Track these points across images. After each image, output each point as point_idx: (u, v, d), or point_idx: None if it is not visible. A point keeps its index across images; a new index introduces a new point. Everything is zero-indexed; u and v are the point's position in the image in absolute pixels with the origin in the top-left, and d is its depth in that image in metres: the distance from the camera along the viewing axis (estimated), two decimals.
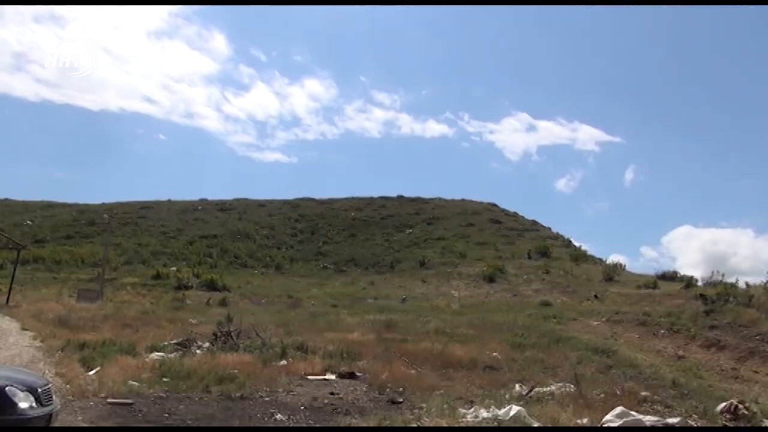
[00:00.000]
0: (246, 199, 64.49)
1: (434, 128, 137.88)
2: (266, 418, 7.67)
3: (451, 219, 54.65)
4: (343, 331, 16.80)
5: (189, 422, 7.22)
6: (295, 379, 10.33)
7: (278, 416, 7.77)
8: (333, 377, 10.79)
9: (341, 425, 7.45)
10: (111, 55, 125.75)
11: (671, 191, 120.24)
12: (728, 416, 8.55)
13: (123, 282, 32.63)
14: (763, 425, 8.51)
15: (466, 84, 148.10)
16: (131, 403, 7.77)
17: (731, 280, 24.33)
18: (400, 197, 64.47)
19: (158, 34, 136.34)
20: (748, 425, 8.35)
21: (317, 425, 7.53)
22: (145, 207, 59.96)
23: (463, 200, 62.97)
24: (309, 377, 10.64)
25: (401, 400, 9.07)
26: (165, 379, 9.45)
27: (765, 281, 21.16)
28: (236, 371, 10.10)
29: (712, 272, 26.22)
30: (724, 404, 8.93)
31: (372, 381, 10.35)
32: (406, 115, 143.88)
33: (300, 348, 12.92)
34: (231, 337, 13.32)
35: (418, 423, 7.40)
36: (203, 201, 63.44)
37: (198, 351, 12.52)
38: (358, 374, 10.90)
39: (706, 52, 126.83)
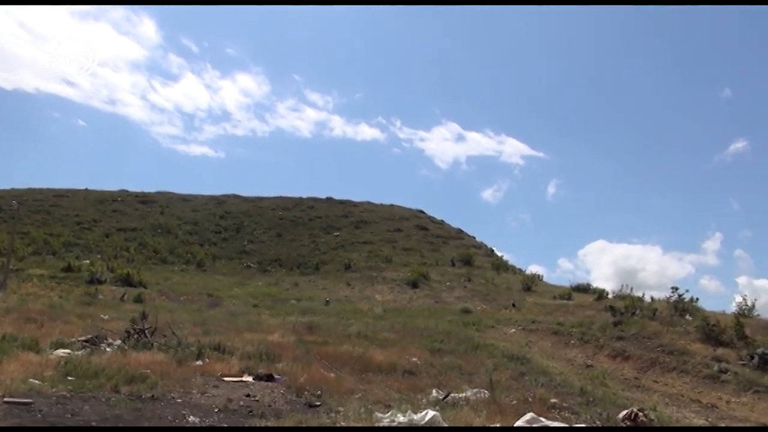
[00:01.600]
0: (169, 193, 62.42)
1: (366, 132, 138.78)
2: (178, 420, 7.42)
3: (379, 224, 54.97)
4: (264, 332, 16.52)
5: (93, 423, 6.87)
6: (211, 380, 10.05)
7: (191, 418, 7.54)
8: (250, 379, 10.58)
9: (257, 426, 7.32)
10: (29, 32, 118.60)
11: (589, 207, 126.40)
12: (629, 423, 9.06)
13: (30, 273, 30.74)
14: None
15: (399, 90, 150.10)
16: (30, 403, 7.32)
17: (639, 293, 25.80)
18: (330, 199, 64.30)
19: (83, 14, 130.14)
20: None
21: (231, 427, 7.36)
22: (59, 195, 56.84)
23: (391, 205, 63.55)
24: (225, 378, 10.38)
25: (319, 403, 9.02)
26: (70, 378, 8.96)
27: (668, 296, 22.53)
28: (148, 371, 9.71)
29: (622, 286, 27.69)
30: (625, 411, 9.46)
31: (290, 384, 10.23)
32: (338, 117, 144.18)
33: (217, 348, 12.57)
34: (145, 334, 12.81)
35: (334, 426, 7.38)
36: (123, 192, 60.85)
37: (108, 349, 11.95)
38: (276, 376, 10.74)
39: (625, 77, 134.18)
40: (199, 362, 11.31)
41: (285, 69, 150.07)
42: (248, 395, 9.20)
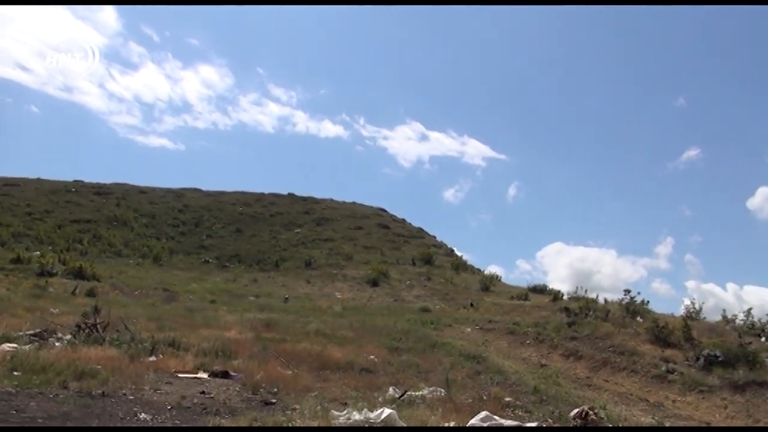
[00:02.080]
0: (126, 184, 60.87)
1: (330, 129, 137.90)
2: (129, 418, 7.27)
3: (340, 221, 54.83)
4: (220, 328, 16.31)
5: (40, 420, 6.68)
6: (164, 377, 9.89)
7: (142, 415, 7.40)
8: (205, 376, 10.45)
9: (209, 425, 7.23)
10: None
11: (548, 209, 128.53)
12: (579, 421, 9.30)
13: None
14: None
15: (363, 88, 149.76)
16: None
17: (593, 295, 26.38)
18: (291, 195, 63.76)
19: None
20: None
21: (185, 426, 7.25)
22: (10, 184, 54.78)
23: (353, 203, 63.45)
24: (179, 375, 10.23)
25: (275, 401, 8.97)
26: (16, 373, 8.68)
27: (621, 298, 23.12)
28: (99, 366, 9.49)
29: (577, 287, 28.26)
30: (576, 410, 9.70)
31: (246, 381, 10.14)
32: (302, 112, 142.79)
33: (172, 344, 12.36)
34: (96, 329, 12.49)
35: (290, 424, 7.35)
36: (78, 182, 59.05)
37: (57, 343, 11.61)
38: (232, 373, 10.64)
39: (585, 83, 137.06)
40: (152, 358, 11.10)
41: (249, 62, 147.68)
42: (203, 392, 9.09)
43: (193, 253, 44.36)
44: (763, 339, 18.74)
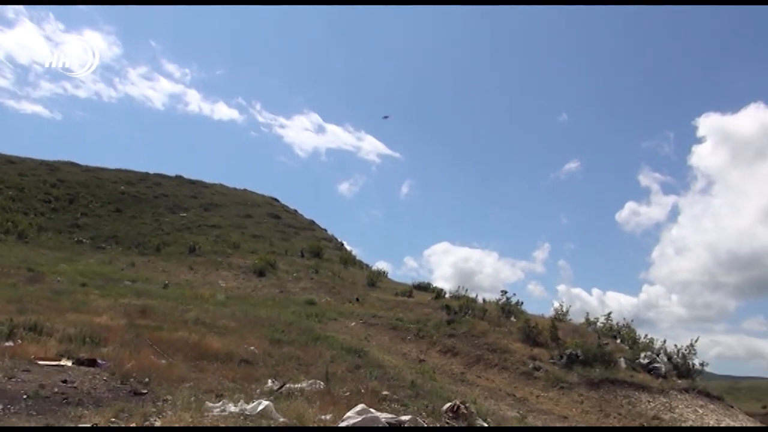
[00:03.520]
0: None
1: (224, 111, 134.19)
2: None
3: (229, 208, 53.38)
4: (90, 313, 15.29)
5: None
6: (22, 364, 9.11)
7: None
8: (69, 363, 9.76)
9: (70, 416, 6.77)
10: None
11: (438, 209, 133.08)
12: (451, 414, 9.73)
13: None
14: (478, 423, 9.86)
15: (262, 73, 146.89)
16: None
17: (473, 294, 27.59)
18: (179, 177, 61.15)
19: None
20: (465, 424, 9.59)
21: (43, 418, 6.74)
22: None
23: (245, 190, 62.02)
24: (40, 362, 9.48)
25: (146, 391, 8.57)
26: None
27: (498, 298, 24.40)
28: None
29: (459, 286, 29.47)
30: (449, 404, 10.14)
31: (115, 369, 9.59)
32: (195, 92, 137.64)
33: (33, 329, 11.43)
34: None
35: (160, 416, 7.06)
36: None
37: None
38: (99, 361, 10.02)
39: (479, 95, 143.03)
40: (9, 343, 10.22)
41: (141, 32, 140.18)
42: (65, 381, 8.49)
43: (65, 231, 41.33)
44: (618, 341, 20.60)
